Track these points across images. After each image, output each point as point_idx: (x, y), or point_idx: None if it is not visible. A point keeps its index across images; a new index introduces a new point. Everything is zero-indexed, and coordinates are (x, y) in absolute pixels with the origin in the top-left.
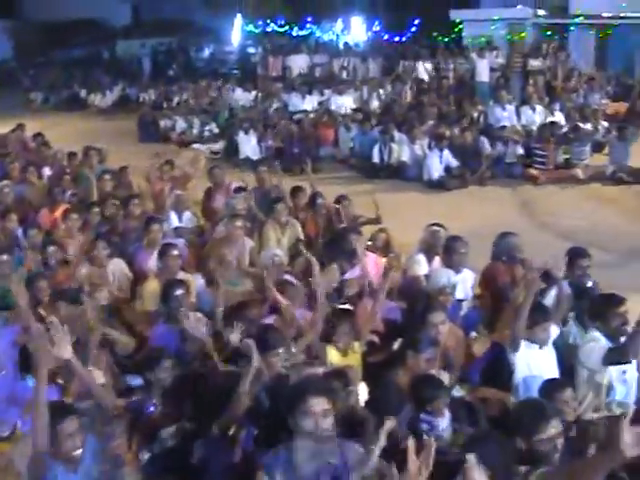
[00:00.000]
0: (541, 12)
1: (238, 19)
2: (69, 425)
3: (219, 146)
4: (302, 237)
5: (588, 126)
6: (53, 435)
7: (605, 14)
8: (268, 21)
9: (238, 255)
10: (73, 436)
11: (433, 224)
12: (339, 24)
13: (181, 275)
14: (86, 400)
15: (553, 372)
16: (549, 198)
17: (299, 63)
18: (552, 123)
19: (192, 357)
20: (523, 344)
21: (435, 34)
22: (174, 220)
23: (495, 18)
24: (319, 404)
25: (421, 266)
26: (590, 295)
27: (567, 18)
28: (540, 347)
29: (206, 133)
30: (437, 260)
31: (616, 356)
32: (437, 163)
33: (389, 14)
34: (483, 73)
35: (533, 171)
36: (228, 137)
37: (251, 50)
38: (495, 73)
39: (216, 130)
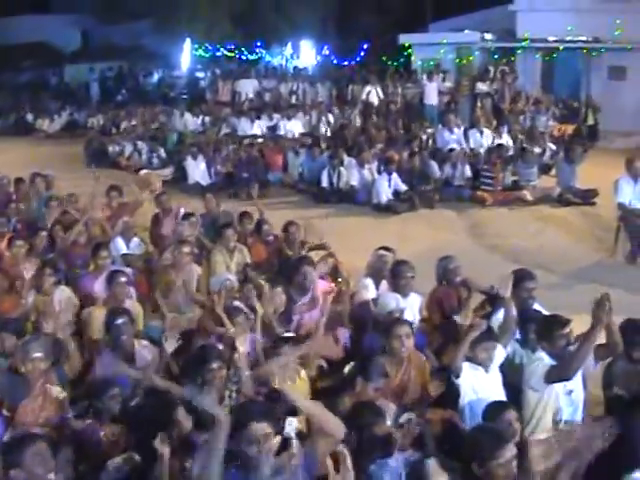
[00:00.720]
0: (488, 36)
1: (187, 43)
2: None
3: (168, 172)
4: (249, 262)
5: (535, 148)
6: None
7: (551, 38)
8: (217, 45)
9: (186, 282)
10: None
11: (380, 248)
12: (288, 49)
13: (128, 303)
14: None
15: (499, 395)
16: (497, 220)
17: (248, 88)
18: (500, 145)
19: (139, 387)
20: (467, 367)
21: (384, 58)
22: (122, 246)
23: (443, 42)
24: (262, 429)
25: (369, 291)
26: (536, 317)
27: (514, 42)
28: (486, 370)
29: (154, 159)
30: (384, 284)
31: (557, 373)
32: (386, 187)
33: (338, 39)
34: (432, 96)
35: (481, 193)
36: (177, 162)
37: (200, 75)
38: (443, 96)
39: (164, 155)
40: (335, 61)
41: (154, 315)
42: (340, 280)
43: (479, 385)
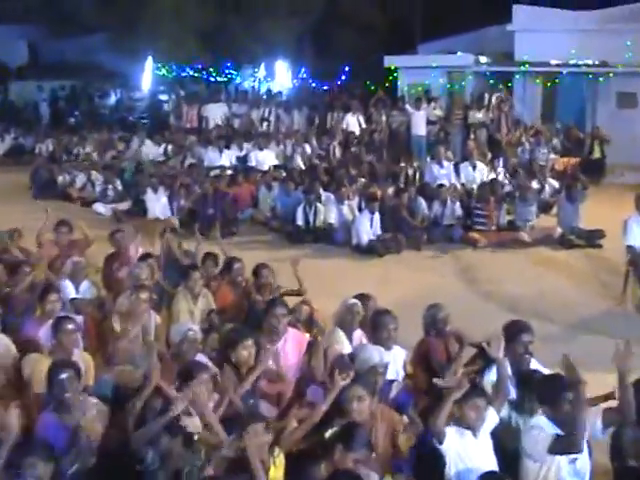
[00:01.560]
0: (483, 59)
1: (149, 62)
2: None
3: (124, 206)
4: (214, 308)
5: (534, 184)
6: None
7: (553, 61)
8: (183, 65)
9: (142, 331)
10: None
11: (359, 295)
12: (261, 70)
13: (76, 354)
14: None
15: (491, 463)
16: (491, 264)
17: (216, 113)
18: (494, 181)
19: (84, 454)
20: (452, 431)
21: (367, 82)
22: (70, 290)
23: (433, 65)
24: None
25: (342, 343)
26: (534, 376)
27: (511, 66)
28: (474, 434)
29: (110, 191)
30: (357, 335)
31: (564, 445)
32: (368, 226)
33: (317, 60)
34: (420, 126)
35: (474, 234)
36: (135, 196)
37: (163, 97)
38: (433, 126)
39: (121, 188)
40: (313, 85)
41: (106, 368)
42: (315, 330)
43: (467, 452)
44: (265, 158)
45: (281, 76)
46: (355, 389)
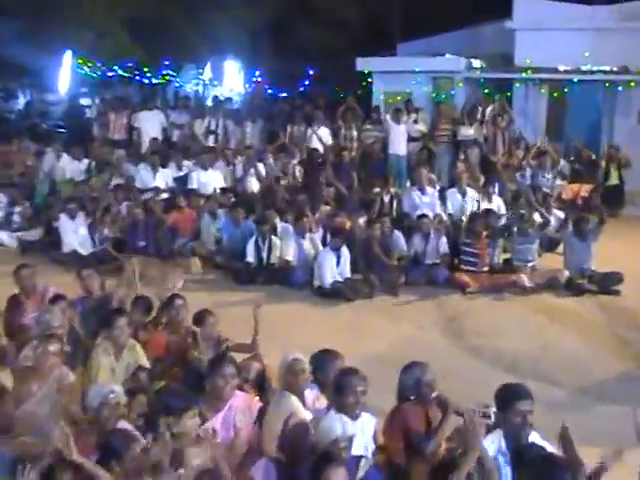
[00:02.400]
0: (477, 63)
1: (68, 58)
2: None
3: (33, 235)
4: (145, 364)
5: (536, 216)
6: None
7: (561, 67)
8: (110, 63)
9: (51, 391)
10: None
11: (323, 351)
12: (207, 71)
13: None
14: None
15: None
16: (483, 313)
17: (151, 123)
18: (488, 212)
19: None
20: None
21: (336, 89)
22: None
23: (416, 70)
24: None
25: (295, 409)
26: (533, 456)
27: (511, 72)
28: None
29: (16, 216)
30: (310, 398)
31: None
32: (333, 265)
33: (276, 61)
34: (399, 143)
35: (462, 276)
36: (47, 222)
37: (85, 101)
38: (415, 144)
39: (31, 212)
40: (270, 91)
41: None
42: (270, 393)
43: None
44: (210, 179)
45: (231, 79)
46: (336, 473)
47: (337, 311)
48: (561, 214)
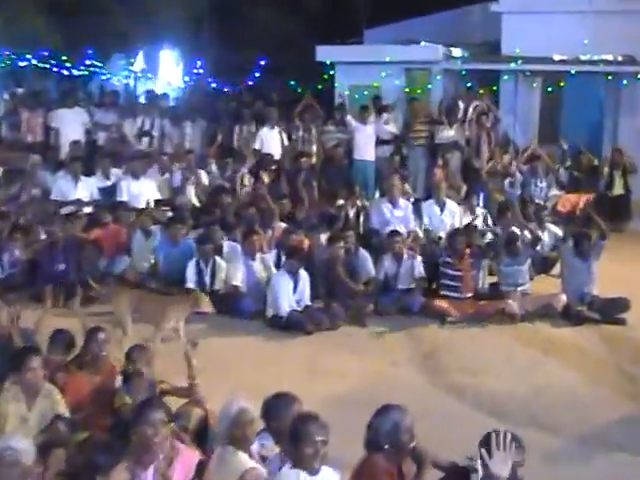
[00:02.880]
0: (457, 52)
1: None
2: None
3: None
4: (64, 412)
5: (527, 232)
6: None
7: (557, 56)
8: (22, 52)
9: None
10: None
11: (277, 395)
12: (139, 62)
13: None
14: None
15: None
16: (466, 346)
17: (71, 122)
18: (471, 227)
19: None
20: None
21: (292, 83)
22: None
23: (386, 60)
24: None
25: (242, 464)
26: None
27: (498, 62)
28: None
29: None
30: (254, 448)
31: None
32: (290, 291)
33: (220, 50)
34: (366, 147)
35: (441, 303)
36: None
37: None
38: (385, 148)
39: None
40: (214, 85)
41: None
42: (211, 443)
43: None
44: (142, 190)
45: (168, 71)
46: None
47: (294, 345)
48: (557, 229)
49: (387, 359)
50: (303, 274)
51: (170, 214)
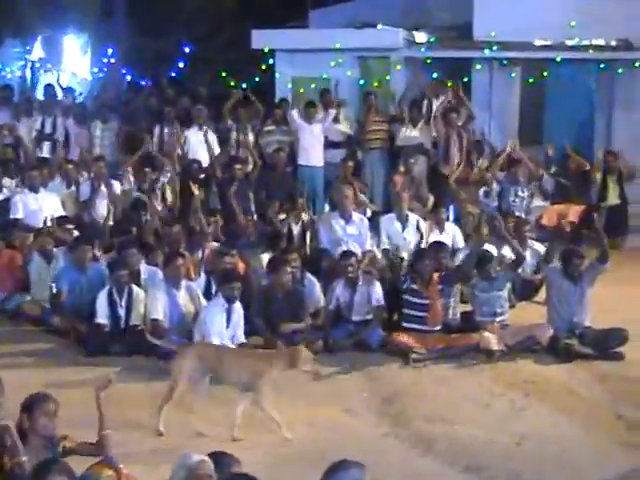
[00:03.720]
0: (421, 37)
1: None
2: None
3: None
4: None
5: (506, 250)
6: None
7: (538, 41)
8: None
9: None
10: None
11: (213, 454)
12: (36, 50)
13: None
14: None
15: None
16: (435, 389)
17: None
18: (440, 246)
19: None
20: None
21: (224, 75)
22: None
23: (336, 47)
24: None
25: None
26: None
27: (469, 49)
28: None
29: None
30: None
31: None
32: (222, 325)
33: (136, 35)
34: (313, 151)
35: (404, 337)
36: None
37: None
38: (335, 151)
39: None
40: (129, 78)
41: None
42: None
43: None
44: (42, 205)
45: (73, 61)
46: None
47: (229, 390)
48: (542, 247)
49: (340, 405)
50: (237, 306)
51: (76, 234)
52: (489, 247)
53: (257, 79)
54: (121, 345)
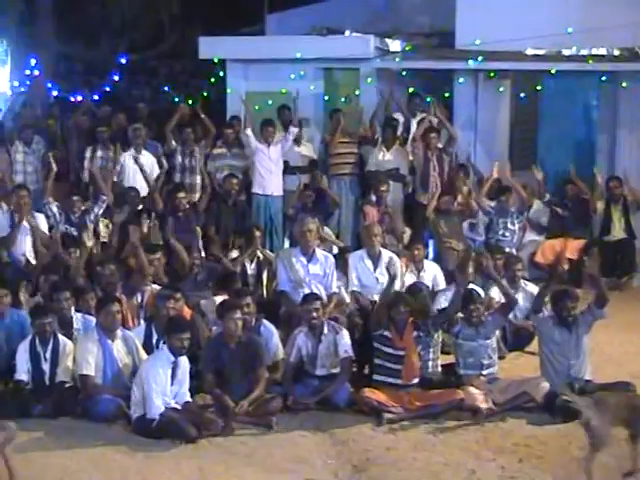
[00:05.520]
0: (395, 45)
1: None
2: None
3: None
4: None
5: (495, 292)
6: None
7: (530, 50)
8: None
9: None
10: None
11: None
12: None
13: None
14: None
15: None
16: (412, 455)
17: None
18: (417, 288)
19: None
20: None
21: (166, 89)
22: None
23: (298, 57)
24: None
25: None
26: None
27: (451, 59)
28: None
29: None
30: None
31: None
32: (166, 382)
33: (64, 43)
34: (270, 177)
35: (376, 393)
36: None
37: None
38: (297, 178)
39: None
40: (55, 93)
41: None
42: None
43: None
44: None
45: None
46: None
47: (170, 459)
48: (535, 288)
49: (300, 476)
50: (184, 360)
51: None
52: (475, 288)
53: (205, 94)
54: (46, 405)
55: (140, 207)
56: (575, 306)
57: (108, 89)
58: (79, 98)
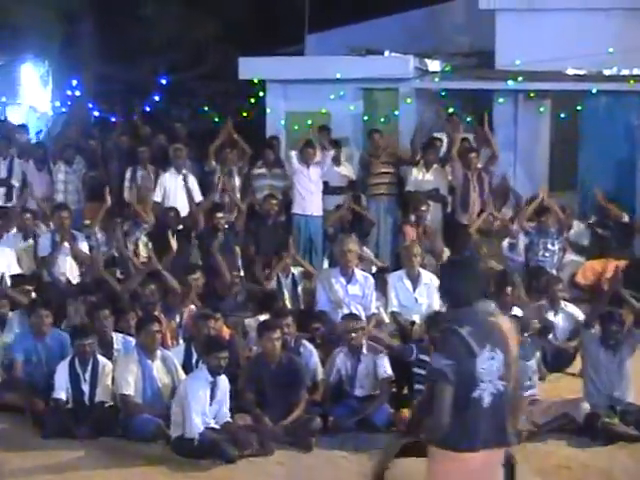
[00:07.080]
0: (435, 65)
1: None
2: None
3: None
4: None
5: (532, 315)
6: None
7: (571, 71)
8: None
9: None
10: None
11: None
12: None
13: None
14: None
15: None
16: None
17: None
18: None
19: None
20: None
21: (207, 110)
22: None
23: (337, 78)
24: None
25: None
26: None
27: (490, 79)
28: None
29: None
30: None
31: None
32: (205, 402)
33: (105, 63)
34: (311, 198)
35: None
36: None
37: None
38: (336, 198)
39: None
40: (97, 114)
41: None
42: None
43: None
44: None
45: (31, 93)
46: None
47: (210, 479)
48: (576, 310)
49: None
50: (223, 379)
51: (34, 295)
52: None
53: (245, 114)
54: (85, 425)
55: (180, 227)
56: (621, 330)
57: (148, 109)
58: (119, 118)
